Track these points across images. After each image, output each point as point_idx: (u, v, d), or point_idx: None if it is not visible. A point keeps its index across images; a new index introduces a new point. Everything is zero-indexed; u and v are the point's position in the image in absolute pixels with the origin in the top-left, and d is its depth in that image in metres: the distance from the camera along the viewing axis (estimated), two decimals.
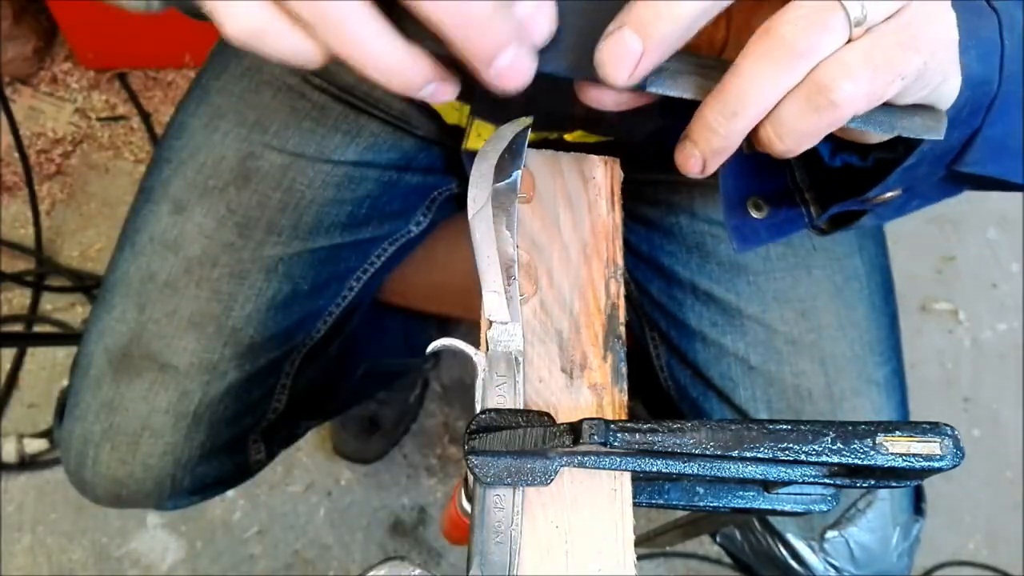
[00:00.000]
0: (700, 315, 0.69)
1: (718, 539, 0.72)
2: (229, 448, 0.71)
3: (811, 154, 0.37)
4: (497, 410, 0.37)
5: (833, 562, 0.65)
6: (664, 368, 0.73)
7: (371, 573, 0.36)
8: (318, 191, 0.69)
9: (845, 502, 0.65)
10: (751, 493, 0.43)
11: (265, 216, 0.67)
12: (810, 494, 0.41)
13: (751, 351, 0.67)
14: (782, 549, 0.66)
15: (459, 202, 0.80)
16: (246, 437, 0.73)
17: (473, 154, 0.44)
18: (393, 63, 0.31)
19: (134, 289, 0.66)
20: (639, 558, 0.37)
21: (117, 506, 0.69)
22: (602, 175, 0.46)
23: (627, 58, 0.32)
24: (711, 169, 0.35)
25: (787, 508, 0.42)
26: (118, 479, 0.66)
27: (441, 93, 0.33)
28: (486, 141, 0.44)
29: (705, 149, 0.34)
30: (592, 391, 0.40)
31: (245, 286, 0.67)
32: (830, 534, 0.65)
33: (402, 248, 0.77)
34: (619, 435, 0.34)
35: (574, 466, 0.37)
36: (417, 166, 0.74)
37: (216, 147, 0.68)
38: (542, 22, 0.32)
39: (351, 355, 0.89)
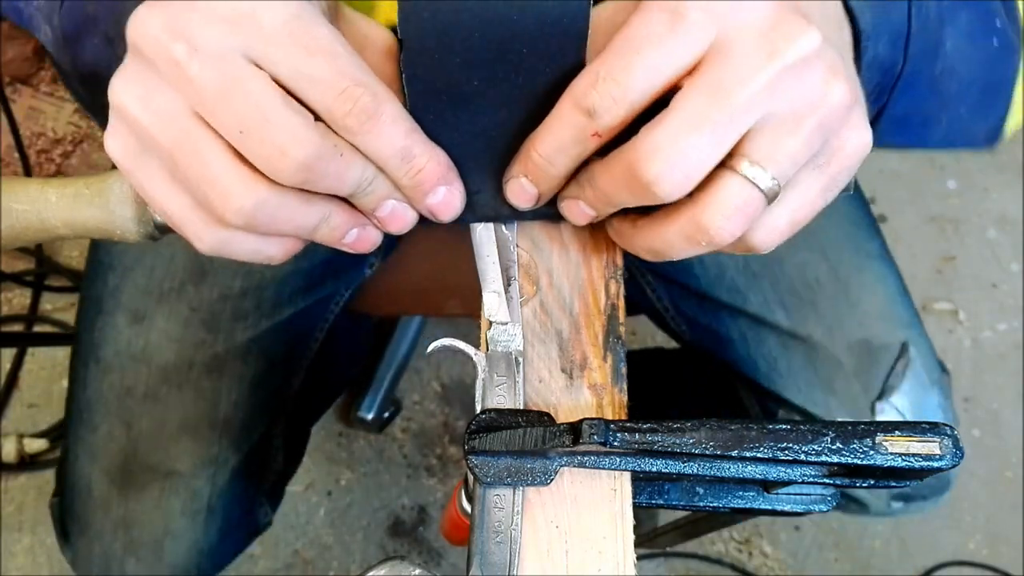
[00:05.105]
0: None
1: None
2: (241, 521, 0.73)
3: None
4: (497, 410, 0.37)
5: None
6: (669, 308, 0.74)
7: (371, 573, 0.36)
8: (276, 268, 0.68)
9: (881, 373, 0.67)
10: (751, 493, 0.43)
11: (229, 306, 0.67)
12: (810, 494, 0.41)
13: (750, 259, 0.68)
14: None
15: None
16: (254, 505, 0.75)
17: None
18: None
19: (114, 406, 0.66)
20: (639, 558, 0.37)
21: None
22: None
23: (528, 198, 0.38)
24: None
25: (787, 508, 0.42)
26: None
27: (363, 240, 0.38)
28: None
29: (574, 214, 0.39)
30: (592, 391, 0.40)
31: (226, 377, 0.67)
32: (879, 405, 0.66)
33: (357, 289, 0.77)
34: (619, 435, 0.34)
35: (574, 466, 0.37)
36: None
37: (162, 247, 0.67)
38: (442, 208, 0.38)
39: (320, 395, 0.92)
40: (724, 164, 0.33)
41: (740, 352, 0.70)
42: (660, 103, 0.33)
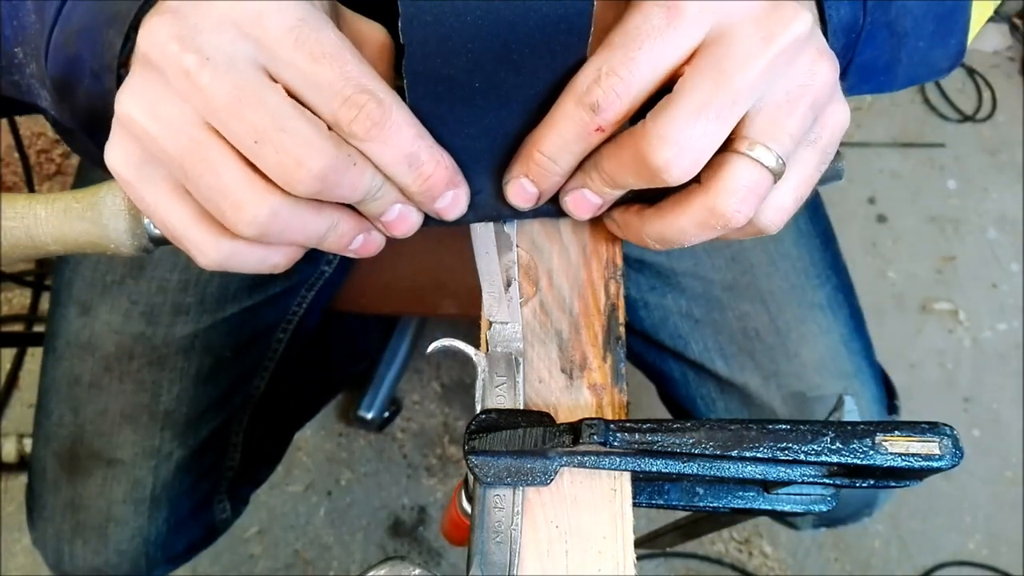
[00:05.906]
0: (637, 283, 0.70)
1: None
2: (194, 515, 0.73)
3: None
4: (497, 410, 0.37)
5: None
6: None
7: (371, 573, 0.36)
8: None
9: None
10: (751, 493, 0.43)
11: (168, 300, 0.68)
12: (809, 494, 0.42)
13: (693, 305, 0.69)
14: None
15: None
16: (209, 500, 0.75)
17: None
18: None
19: (64, 394, 0.68)
20: (639, 558, 0.37)
21: None
22: None
23: (529, 198, 0.39)
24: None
25: (787, 508, 0.42)
26: (96, 567, 0.68)
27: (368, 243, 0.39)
28: None
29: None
30: (592, 391, 0.40)
31: (166, 370, 0.68)
32: None
33: (324, 288, 0.77)
34: (618, 435, 0.34)
35: (574, 466, 0.37)
36: None
37: None
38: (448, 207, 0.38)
39: (302, 396, 0.91)
40: (729, 148, 0.34)
41: (681, 391, 0.72)
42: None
